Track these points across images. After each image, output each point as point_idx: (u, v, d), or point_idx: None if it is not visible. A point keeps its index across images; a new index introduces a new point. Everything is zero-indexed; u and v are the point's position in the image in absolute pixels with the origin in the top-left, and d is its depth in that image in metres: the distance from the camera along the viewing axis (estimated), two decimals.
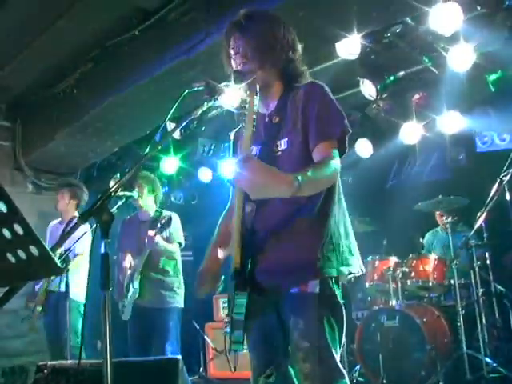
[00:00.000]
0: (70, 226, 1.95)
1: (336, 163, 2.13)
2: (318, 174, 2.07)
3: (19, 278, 1.58)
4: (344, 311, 2.23)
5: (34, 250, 1.40)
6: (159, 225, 4.68)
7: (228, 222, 2.48)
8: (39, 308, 5.44)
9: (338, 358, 2.14)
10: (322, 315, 2.14)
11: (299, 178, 1.94)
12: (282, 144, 2.27)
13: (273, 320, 2.25)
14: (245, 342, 2.20)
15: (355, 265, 2.26)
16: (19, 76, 6.06)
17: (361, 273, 2.32)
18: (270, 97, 2.38)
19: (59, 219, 5.79)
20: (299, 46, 2.38)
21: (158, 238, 4.71)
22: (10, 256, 1.44)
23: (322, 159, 2.14)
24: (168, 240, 4.92)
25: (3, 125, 6.92)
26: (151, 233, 4.67)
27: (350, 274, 2.26)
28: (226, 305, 6.11)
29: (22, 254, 1.42)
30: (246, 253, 2.20)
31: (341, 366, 2.15)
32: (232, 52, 2.36)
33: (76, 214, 5.67)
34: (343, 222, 2.29)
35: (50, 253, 1.41)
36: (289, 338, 2.17)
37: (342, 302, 2.23)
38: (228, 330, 2.19)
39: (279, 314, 2.24)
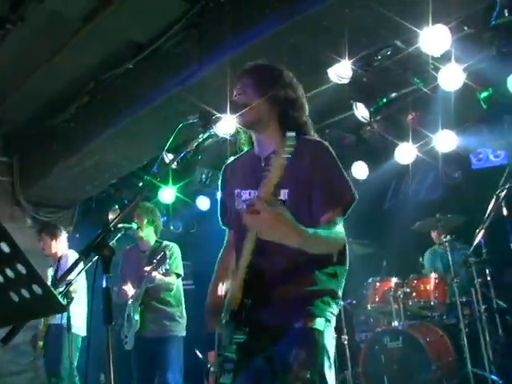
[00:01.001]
0: (64, 261, 1.98)
1: (341, 230, 2.19)
2: (327, 235, 2.14)
3: (23, 317, 1.60)
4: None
5: (37, 288, 1.42)
6: (155, 261, 4.69)
7: (225, 264, 2.51)
8: (41, 343, 5.43)
9: None
10: (324, 351, 2.19)
11: (309, 231, 2.02)
12: (282, 194, 2.26)
13: (262, 362, 2.26)
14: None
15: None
16: (16, 111, 6.14)
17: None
18: (267, 139, 2.40)
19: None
20: (305, 102, 2.43)
21: (154, 274, 4.71)
22: (13, 295, 1.46)
23: (327, 225, 2.17)
24: (166, 272, 4.92)
25: (1, 160, 6.96)
26: (147, 269, 4.69)
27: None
28: None
29: (25, 292, 1.44)
30: (247, 293, 2.21)
31: None
32: (235, 91, 2.42)
33: (63, 251, 5.68)
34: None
35: (53, 291, 1.43)
36: (284, 370, 2.18)
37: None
38: (214, 369, 2.23)
39: (270, 352, 2.23)
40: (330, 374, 2.18)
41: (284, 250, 2.13)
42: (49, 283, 5.03)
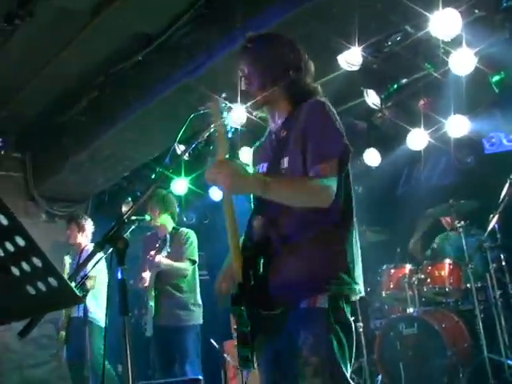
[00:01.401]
0: (85, 254, 2.00)
1: (326, 182, 2.12)
2: (294, 182, 2.19)
3: (40, 310, 1.62)
4: (354, 329, 2.23)
5: (53, 281, 1.43)
6: (157, 245, 4.74)
7: None
8: (63, 333, 5.48)
9: (348, 374, 2.14)
10: (331, 331, 2.14)
11: (274, 178, 2.12)
12: (285, 162, 2.29)
13: (284, 338, 2.23)
14: (254, 363, 2.19)
15: (362, 286, 2.29)
16: (27, 107, 6.16)
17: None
18: (278, 114, 2.43)
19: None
20: (308, 64, 2.43)
21: (158, 258, 4.74)
22: (29, 288, 1.47)
23: (309, 177, 2.17)
24: (178, 256, 4.93)
25: (14, 156, 7.01)
26: (152, 253, 4.72)
27: (359, 293, 2.27)
28: None
29: (41, 285, 1.45)
30: (249, 265, 2.19)
31: (349, 380, 2.14)
32: (240, 74, 2.44)
33: (86, 243, 5.76)
34: (356, 244, 2.32)
35: (69, 283, 1.44)
36: (298, 352, 2.16)
37: (351, 319, 2.24)
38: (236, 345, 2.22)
39: (288, 331, 2.21)
40: (344, 359, 2.13)
41: (270, 212, 2.21)
42: (66, 271, 5.10)
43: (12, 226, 1.41)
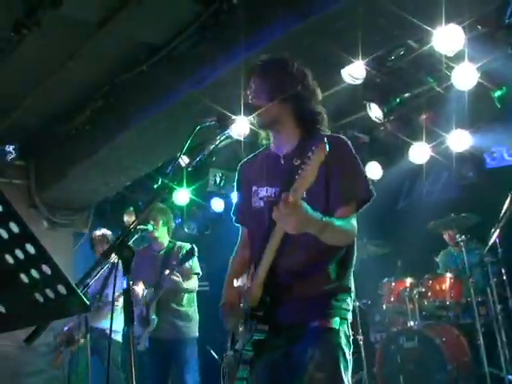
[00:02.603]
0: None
1: (355, 223, 2.24)
2: (343, 224, 2.19)
3: (48, 318, 1.63)
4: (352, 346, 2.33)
5: (61, 288, 1.45)
6: (174, 263, 4.74)
7: (241, 258, 2.56)
8: (83, 340, 5.43)
9: None
10: (339, 350, 2.22)
11: (326, 218, 2.07)
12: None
13: (279, 356, 2.29)
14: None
15: None
16: (32, 116, 6.19)
17: None
18: (285, 137, 2.43)
19: None
20: (316, 89, 2.45)
21: (173, 277, 4.75)
22: (38, 296, 1.49)
23: (342, 218, 2.22)
24: (185, 273, 4.95)
25: (17, 164, 7.04)
26: (167, 272, 4.73)
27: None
28: None
29: (50, 293, 1.47)
30: (266, 292, 2.24)
31: None
32: (248, 92, 2.44)
33: None
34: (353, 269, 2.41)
35: (78, 291, 1.46)
36: (299, 370, 2.20)
37: (351, 332, 2.36)
38: (225, 366, 2.28)
39: (286, 350, 2.27)
40: (347, 374, 2.21)
41: (300, 246, 2.21)
42: None
43: (23, 234, 1.43)
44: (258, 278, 2.23)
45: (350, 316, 2.34)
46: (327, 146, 1.91)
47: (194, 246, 4.85)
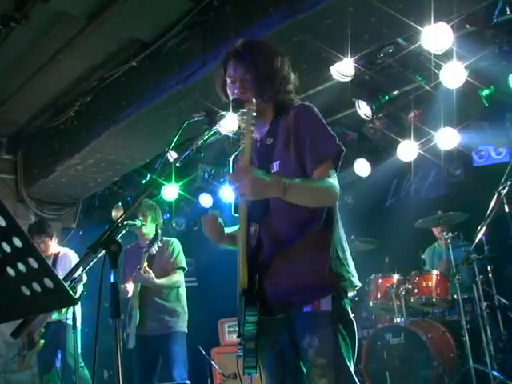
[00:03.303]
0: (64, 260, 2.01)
1: (332, 181, 2.21)
2: (308, 183, 2.21)
3: (34, 311, 1.63)
4: (355, 327, 2.28)
5: (48, 282, 1.45)
6: (147, 243, 4.74)
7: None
8: (42, 341, 5.45)
9: (352, 370, 2.19)
10: (337, 332, 2.18)
11: (291, 179, 2.12)
12: (275, 166, 2.33)
13: (286, 339, 2.28)
14: (258, 364, 2.21)
15: (357, 279, 2.34)
16: (20, 110, 6.17)
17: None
18: (262, 123, 2.44)
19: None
20: (293, 77, 2.46)
21: (145, 274, 4.74)
22: (24, 289, 1.49)
23: (317, 177, 2.24)
24: (168, 267, 4.94)
25: (5, 158, 7.03)
26: (138, 268, 4.73)
27: (356, 286, 2.32)
28: (231, 329, 6.12)
29: (36, 286, 1.47)
30: (253, 272, 2.23)
31: (355, 378, 2.20)
32: (228, 80, 2.43)
33: (56, 248, 5.71)
34: (344, 238, 2.37)
35: (64, 284, 1.46)
36: (301, 356, 2.21)
37: (352, 316, 2.30)
38: (241, 353, 2.21)
39: (290, 334, 2.26)
40: (347, 352, 2.18)
41: (276, 215, 2.26)
42: None
43: (10, 227, 1.43)
44: (241, 253, 2.23)
45: (347, 288, 2.25)
46: (253, 110, 2.19)
47: (158, 231, 4.83)
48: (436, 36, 4.45)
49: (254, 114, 2.23)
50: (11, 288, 1.52)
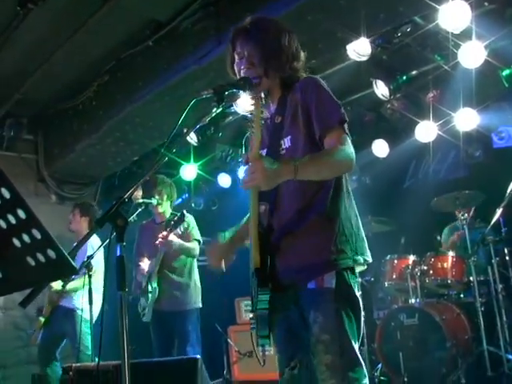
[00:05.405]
0: (84, 235, 2.05)
1: (344, 147, 2.19)
2: (317, 158, 2.20)
3: (39, 280, 1.68)
4: (361, 302, 2.30)
5: (51, 252, 1.50)
6: (172, 223, 4.74)
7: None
8: (42, 319, 5.54)
9: (356, 347, 2.21)
10: (340, 309, 2.21)
11: (295, 162, 2.10)
12: (286, 142, 2.35)
13: (295, 314, 2.32)
14: (271, 339, 2.28)
15: (369, 253, 2.35)
16: (39, 90, 6.23)
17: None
18: (271, 101, 2.46)
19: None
20: (302, 55, 2.46)
21: (171, 237, 4.74)
22: (29, 259, 1.54)
23: (328, 148, 2.23)
24: (187, 238, 4.98)
25: (26, 138, 7.11)
26: (163, 234, 4.72)
27: (365, 261, 2.33)
28: (248, 307, 6.18)
29: (40, 257, 1.51)
30: (265, 251, 2.28)
31: (359, 356, 2.22)
32: (237, 57, 2.45)
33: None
34: (354, 212, 2.37)
35: (66, 255, 1.50)
36: (308, 331, 2.24)
37: (359, 293, 2.32)
38: (254, 326, 2.28)
39: (300, 310, 2.30)
40: (353, 331, 2.21)
41: (286, 193, 2.29)
42: None
43: (14, 199, 1.48)
44: (252, 236, 2.28)
45: (351, 265, 2.26)
46: (262, 99, 2.24)
47: (183, 211, 4.83)
48: (454, 14, 4.38)
49: (262, 109, 2.26)
50: (18, 259, 1.57)
